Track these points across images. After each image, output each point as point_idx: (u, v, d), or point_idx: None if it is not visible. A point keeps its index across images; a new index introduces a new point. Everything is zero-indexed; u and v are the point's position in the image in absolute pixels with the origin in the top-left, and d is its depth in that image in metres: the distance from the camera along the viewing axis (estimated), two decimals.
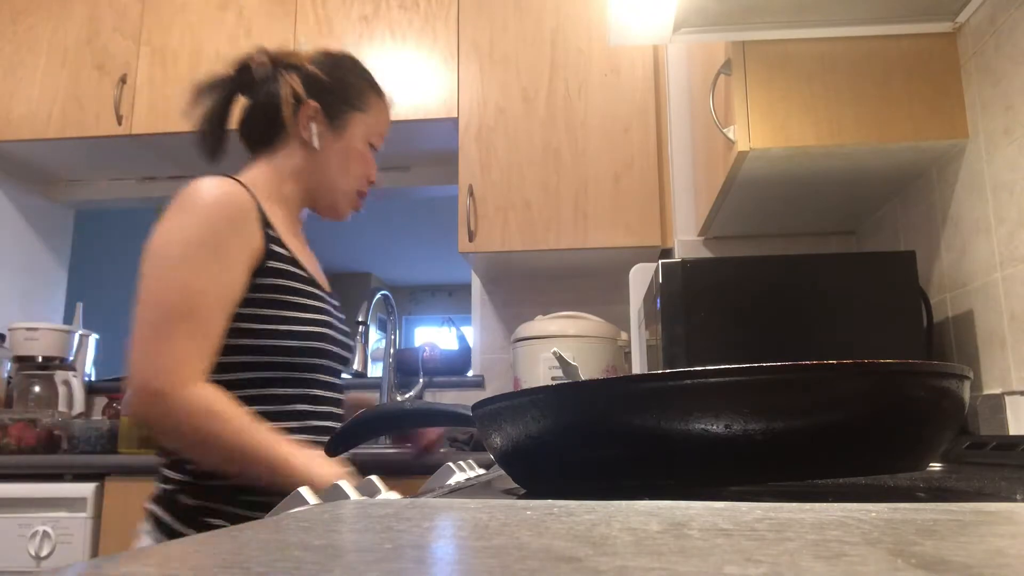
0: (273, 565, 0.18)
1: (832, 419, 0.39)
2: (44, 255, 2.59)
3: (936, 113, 1.32)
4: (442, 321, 6.07)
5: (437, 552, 0.21)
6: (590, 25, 2.12)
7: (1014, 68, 1.16)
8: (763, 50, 1.36)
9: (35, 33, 2.34)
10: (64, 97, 2.28)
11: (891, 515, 0.26)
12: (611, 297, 2.28)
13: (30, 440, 1.84)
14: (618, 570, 0.17)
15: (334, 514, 0.30)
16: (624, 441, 0.40)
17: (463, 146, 2.08)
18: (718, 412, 0.38)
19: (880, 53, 1.34)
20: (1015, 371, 1.18)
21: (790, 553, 0.19)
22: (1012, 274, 1.18)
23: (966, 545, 0.20)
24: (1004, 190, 1.20)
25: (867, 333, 1.29)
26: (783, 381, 0.39)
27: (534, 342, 1.99)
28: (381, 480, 0.52)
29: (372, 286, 6.19)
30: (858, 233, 1.85)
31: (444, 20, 2.20)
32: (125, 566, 0.18)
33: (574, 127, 2.07)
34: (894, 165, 1.43)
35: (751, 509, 0.28)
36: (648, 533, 0.23)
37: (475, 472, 0.83)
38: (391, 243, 5.75)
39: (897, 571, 0.16)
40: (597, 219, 2.00)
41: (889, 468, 0.43)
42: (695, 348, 1.31)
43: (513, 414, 0.44)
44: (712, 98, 1.43)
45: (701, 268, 1.35)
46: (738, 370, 0.38)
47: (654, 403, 0.39)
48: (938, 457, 0.45)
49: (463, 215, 2.02)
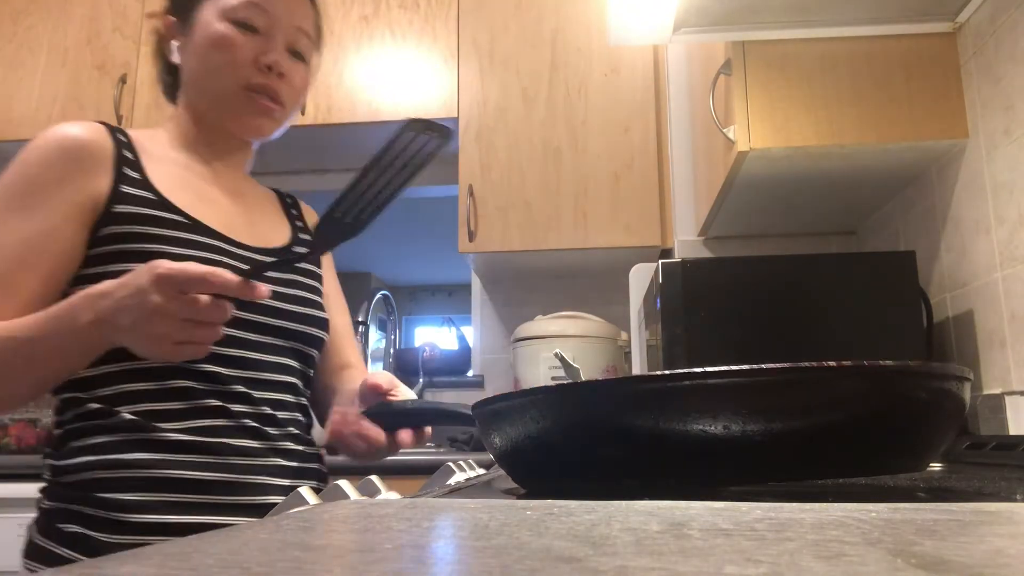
0: (273, 565, 0.18)
1: (831, 420, 0.40)
2: None
3: (936, 113, 1.32)
4: (442, 321, 6.07)
5: (437, 552, 0.21)
6: (590, 25, 2.12)
7: (1014, 68, 1.16)
8: (763, 50, 1.36)
9: (35, 33, 2.34)
10: (64, 97, 2.28)
11: (891, 515, 0.26)
12: (611, 297, 2.27)
13: (30, 440, 1.85)
14: (618, 570, 0.17)
15: (334, 514, 0.30)
16: (624, 441, 0.40)
17: (463, 146, 2.08)
18: (717, 413, 0.38)
19: (880, 53, 1.34)
20: (1015, 371, 1.18)
21: (790, 553, 0.19)
22: (1012, 274, 1.18)
23: (966, 545, 0.20)
24: (1004, 190, 1.20)
25: (867, 333, 1.29)
26: (783, 382, 0.39)
27: (534, 342, 1.99)
28: (381, 480, 0.52)
29: (372, 286, 6.19)
30: (858, 233, 1.85)
31: (444, 20, 2.20)
32: (125, 566, 0.18)
33: (574, 127, 2.07)
34: (894, 165, 1.43)
35: (751, 509, 0.28)
36: (648, 533, 0.23)
37: (475, 472, 0.83)
38: (391, 243, 5.75)
39: (897, 571, 0.16)
40: (597, 219, 2.00)
41: (889, 468, 0.43)
42: (695, 348, 1.31)
43: (513, 414, 0.44)
44: (712, 98, 1.43)
45: (701, 268, 1.35)
46: (737, 371, 0.38)
47: (654, 404, 0.39)
48: (938, 457, 0.46)
49: (463, 215, 2.02)
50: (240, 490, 0.82)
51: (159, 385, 0.82)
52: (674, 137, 2.02)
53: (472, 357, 2.35)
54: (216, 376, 0.84)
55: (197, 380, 0.83)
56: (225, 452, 0.82)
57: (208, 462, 0.81)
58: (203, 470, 0.81)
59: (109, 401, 0.82)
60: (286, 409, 0.91)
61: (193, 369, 0.83)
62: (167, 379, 0.82)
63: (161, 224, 0.85)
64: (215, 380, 0.84)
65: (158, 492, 0.78)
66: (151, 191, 0.87)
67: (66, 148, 0.85)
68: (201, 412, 0.83)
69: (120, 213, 0.84)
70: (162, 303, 0.67)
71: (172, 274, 0.67)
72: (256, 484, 0.84)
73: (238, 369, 0.86)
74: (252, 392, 0.87)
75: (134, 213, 0.85)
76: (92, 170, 0.85)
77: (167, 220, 0.86)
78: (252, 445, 0.85)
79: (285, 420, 0.90)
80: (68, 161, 0.84)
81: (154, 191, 0.87)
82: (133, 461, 0.79)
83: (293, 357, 0.94)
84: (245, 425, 0.85)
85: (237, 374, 0.86)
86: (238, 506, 0.82)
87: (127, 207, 0.85)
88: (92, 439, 0.81)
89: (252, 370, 0.88)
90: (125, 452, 0.80)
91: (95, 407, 0.82)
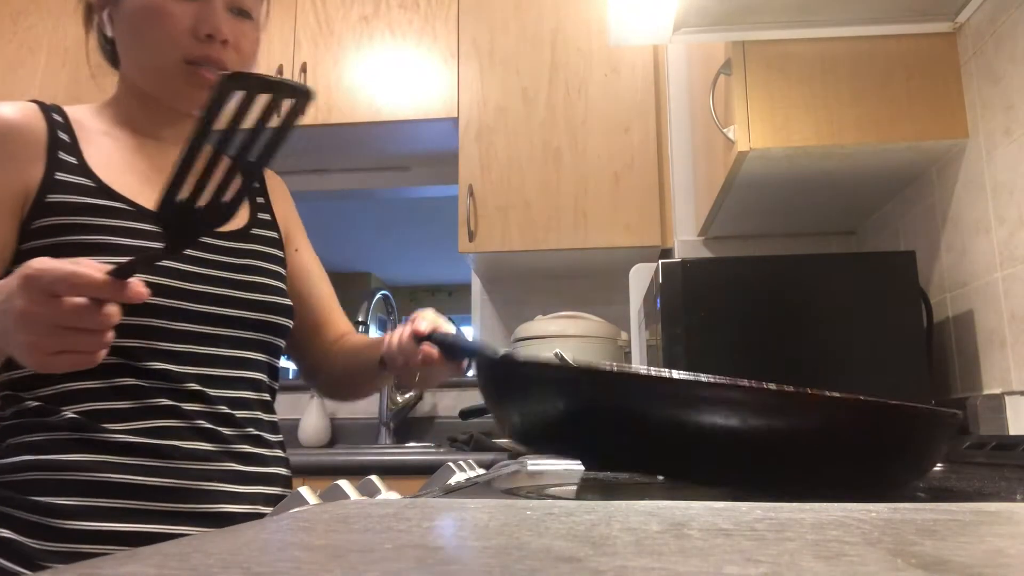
0: (273, 565, 0.18)
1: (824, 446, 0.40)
2: None
3: (936, 113, 1.32)
4: None
5: (437, 552, 0.21)
6: (590, 25, 2.12)
7: (1014, 68, 1.16)
8: (763, 50, 1.36)
9: (35, 33, 2.34)
10: (64, 97, 2.28)
11: (891, 515, 0.26)
12: (611, 297, 2.28)
13: None
14: (618, 570, 0.17)
15: (334, 514, 0.30)
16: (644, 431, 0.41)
17: (463, 146, 2.08)
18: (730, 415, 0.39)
19: (880, 53, 1.34)
20: (1015, 371, 1.18)
21: (790, 553, 0.19)
22: (1012, 274, 1.18)
23: (966, 545, 0.20)
24: (1004, 190, 1.20)
25: (867, 333, 1.29)
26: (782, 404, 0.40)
27: (534, 342, 1.99)
28: (381, 480, 0.52)
29: (372, 286, 6.19)
30: (858, 233, 1.85)
31: (444, 20, 2.20)
32: (125, 566, 0.18)
33: (574, 127, 2.07)
34: (894, 165, 1.43)
35: (751, 509, 0.28)
36: (648, 533, 0.23)
37: (475, 472, 0.83)
38: (391, 243, 5.75)
39: (897, 571, 0.16)
40: (597, 219, 2.00)
41: (880, 492, 0.44)
42: (695, 348, 1.31)
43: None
44: (712, 98, 1.43)
45: (701, 268, 1.35)
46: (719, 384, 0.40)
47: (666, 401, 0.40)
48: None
49: (463, 215, 2.02)
50: (188, 497, 0.76)
51: (105, 383, 0.76)
52: (674, 137, 2.01)
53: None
54: (166, 374, 0.78)
55: (146, 378, 0.77)
56: (174, 455, 0.76)
57: (155, 466, 0.75)
58: (148, 475, 0.75)
59: (52, 399, 0.76)
60: (246, 408, 0.84)
61: (141, 367, 0.77)
62: (113, 377, 0.76)
63: (101, 213, 0.78)
64: (165, 378, 0.78)
65: (98, 497, 0.73)
66: (90, 177, 0.80)
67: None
68: (150, 412, 0.76)
69: (55, 203, 0.77)
70: (26, 307, 0.56)
71: (36, 275, 0.56)
72: (206, 491, 0.77)
73: (190, 366, 0.79)
74: (207, 390, 0.80)
75: (71, 203, 0.77)
76: (20, 156, 0.77)
77: (108, 208, 0.79)
78: (205, 448, 0.79)
79: (244, 420, 0.83)
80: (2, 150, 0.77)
81: (93, 177, 0.80)
82: (72, 463, 0.74)
83: (257, 349, 0.87)
84: (198, 426, 0.79)
85: (189, 371, 0.79)
86: (186, 514, 0.76)
87: (63, 196, 0.78)
88: (30, 437, 0.75)
89: (206, 366, 0.81)
90: (64, 453, 0.74)
91: (35, 405, 0.76)
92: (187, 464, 0.77)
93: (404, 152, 2.43)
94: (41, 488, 0.73)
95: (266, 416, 0.88)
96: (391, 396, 2.21)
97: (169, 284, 0.79)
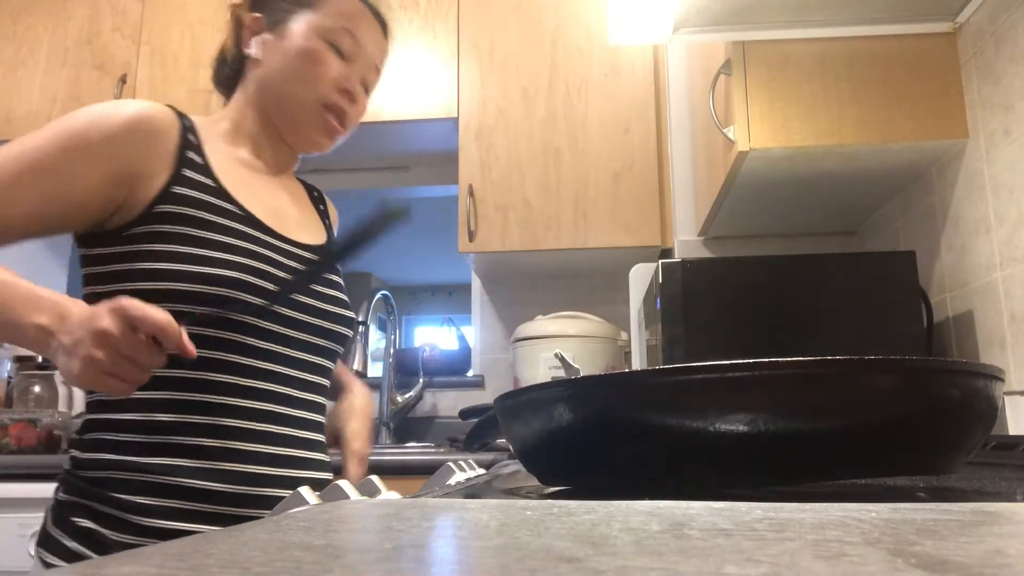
0: (273, 565, 0.18)
1: (860, 419, 0.38)
2: (44, 254, 2.59)
3: (936, 113, 1.32)
4: (442, 321, 6.06)
5: (437, 552, 0.21)
6: (590, 25, 2.12)
7: (1014, 68, 1.16)
8: (763, 50, 1.36)
9: (35, 33, 2.34)
10: (64, 97, 2.28)
11: (891, 515, 0.26)
12: (611, 297, 2.28)
13: (30, 440, 1.85)
14: (618, 570, 0.17)
15: (334, 514, 0.30)
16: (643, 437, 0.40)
17: (463, 146, 2.08)
18: (743, 409, 0.38)
19: (880, 53, 1.34)
20: (1015, 371, 1.18)
21: (790, 553, 0.19)
22: (1012, 274, 1.18)
23: (966, 545, 0.20)
24: (1004, 190, 1.20)
25: (867, 333, 1.29)
26: (809, 376, 0.38)
27: (534, 342, 1.99)
28: (381, 480, 0.52)
29: (372, 286, 6.18)
30: (858, 233, 1.85)
31: (444, 20, 2.20)
32: (125, 566, 0.18)
33: (574, 127, 2.07)
34: (894, 165, 1.43)
35: (751, 509, 0.28)
36: (648, 533, 0.23)
37: (475, 472, 0.83)
38: (391, 243, 5.75)
39: (897, 571, 0.16)
40: (597, 219, 2.00)
41: (920, 469, 0.42)
42: (695, 348, 1.31)
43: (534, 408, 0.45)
44: (712, 98, 1.43)
45: (701, 268, 1.35)
46: (758, 364, 0.38)
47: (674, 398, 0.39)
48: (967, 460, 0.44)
49: (463, 215, 2.02)
50: (254, 502, 0.84)
51: (191, 397, 0.82)
52: (674, 137, 2.02)
53: (472, 357, 2.35)
54: (254, 392, 0.86)
55: (234, 395, 0.84)
56: (238, 461, 0.84)
57: (224, 470, 0.82)
58: (218, 480, 0.82)
59: (133, 404, 0.82)
60: (313, 411, 0.94)
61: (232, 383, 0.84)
62: (202, 392, 0.83)
63: (217, 212, 0.87)
64: (252, 396, 0.86)
65: (170, 498, 0.80)
66: (211, 178, 0.89)
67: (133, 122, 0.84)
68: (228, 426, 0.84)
69: (179, 194, 0.85)
70: (108, 328, 0.67)
71: (129, 308, 0.67)
72: (263, 496, 0.85)
73: (262, 380, 0.87)
74: (284, 410, 0.89)
75: (193, 197, 0.86)
76: (157, 147, 0.85)
77: (223, 209, 0.87)
78: (270, 452, 0.86)
79: (311, 423, 0.93)
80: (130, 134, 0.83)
81: (214, 178, 0.89)
82: (148, 465, 0.80)
83: (327, 356, 0.97)
84: (268, 431, 0.87)
85: (261, 386, 0.87)
86: (251, 519, 0.81)
87: (187, 190, 0.86)
88: (113, 435, 0.82)
89: (288, 387, 0.90)
90: (142, 455, 0.81)
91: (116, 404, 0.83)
92: (253, 468, 0.84)
93: (404, 152, 2.43)
94: (119, 486, 0.80)
95: (321, 418, 0.97)
96: (391, 396, 2.21)
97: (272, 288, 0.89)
